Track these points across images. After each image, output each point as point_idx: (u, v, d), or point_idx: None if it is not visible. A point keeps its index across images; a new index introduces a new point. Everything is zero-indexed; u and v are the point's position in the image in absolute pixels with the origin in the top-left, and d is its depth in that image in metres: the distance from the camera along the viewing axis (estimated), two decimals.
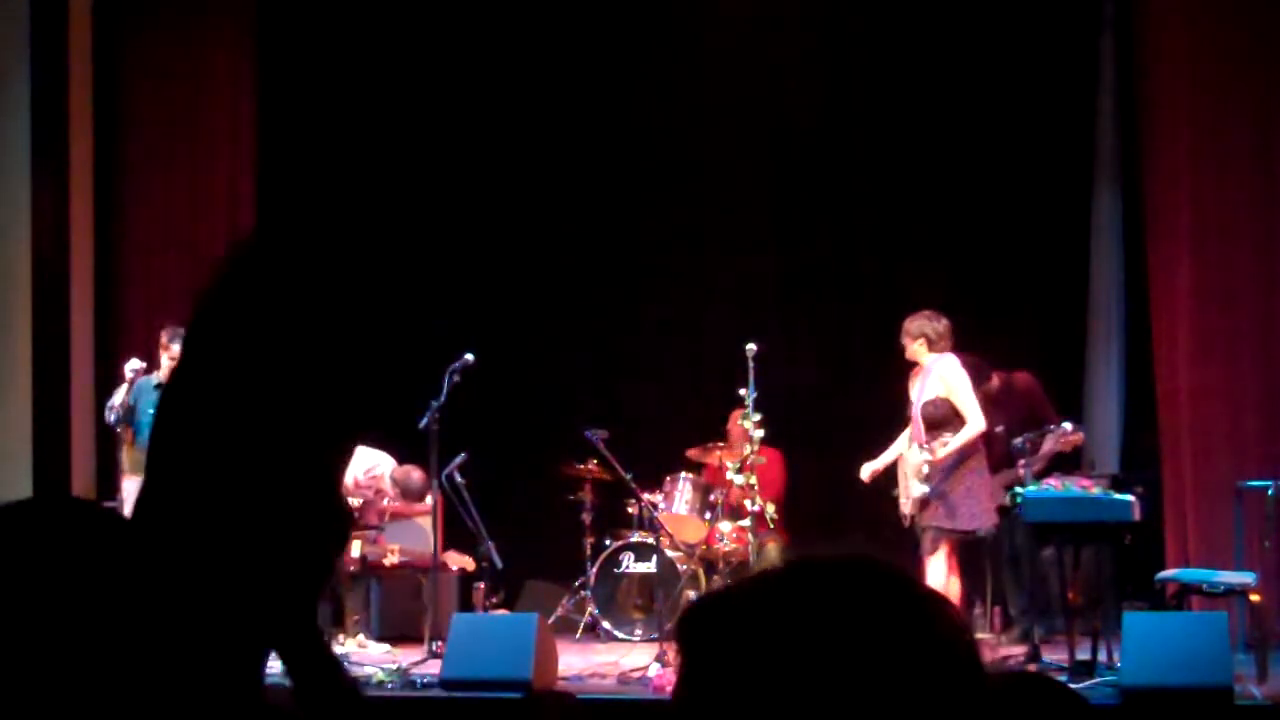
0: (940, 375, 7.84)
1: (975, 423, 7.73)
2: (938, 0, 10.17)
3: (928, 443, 7.77)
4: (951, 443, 7.72)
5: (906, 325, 7.94)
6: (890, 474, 8.09)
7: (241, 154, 10.09)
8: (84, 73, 9.65)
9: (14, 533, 1.24)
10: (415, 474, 9.05)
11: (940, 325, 7.89)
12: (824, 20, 10.39)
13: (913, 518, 7.83)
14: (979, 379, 8.21)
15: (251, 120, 10.13)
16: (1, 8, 9.27)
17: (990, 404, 8.20)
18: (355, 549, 8.93)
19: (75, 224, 9.52)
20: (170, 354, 8.53)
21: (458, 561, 9.09)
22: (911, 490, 7.85)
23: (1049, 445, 8.14)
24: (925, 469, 7.75)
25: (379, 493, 9.13)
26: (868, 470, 8.13)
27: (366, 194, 10.51)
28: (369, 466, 9.00)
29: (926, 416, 7.80)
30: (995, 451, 8.14)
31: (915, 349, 7.92)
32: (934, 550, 7.76)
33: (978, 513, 7.72)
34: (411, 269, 9.70)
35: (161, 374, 8.55)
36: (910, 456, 7.93)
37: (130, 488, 8.62)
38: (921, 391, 7.88)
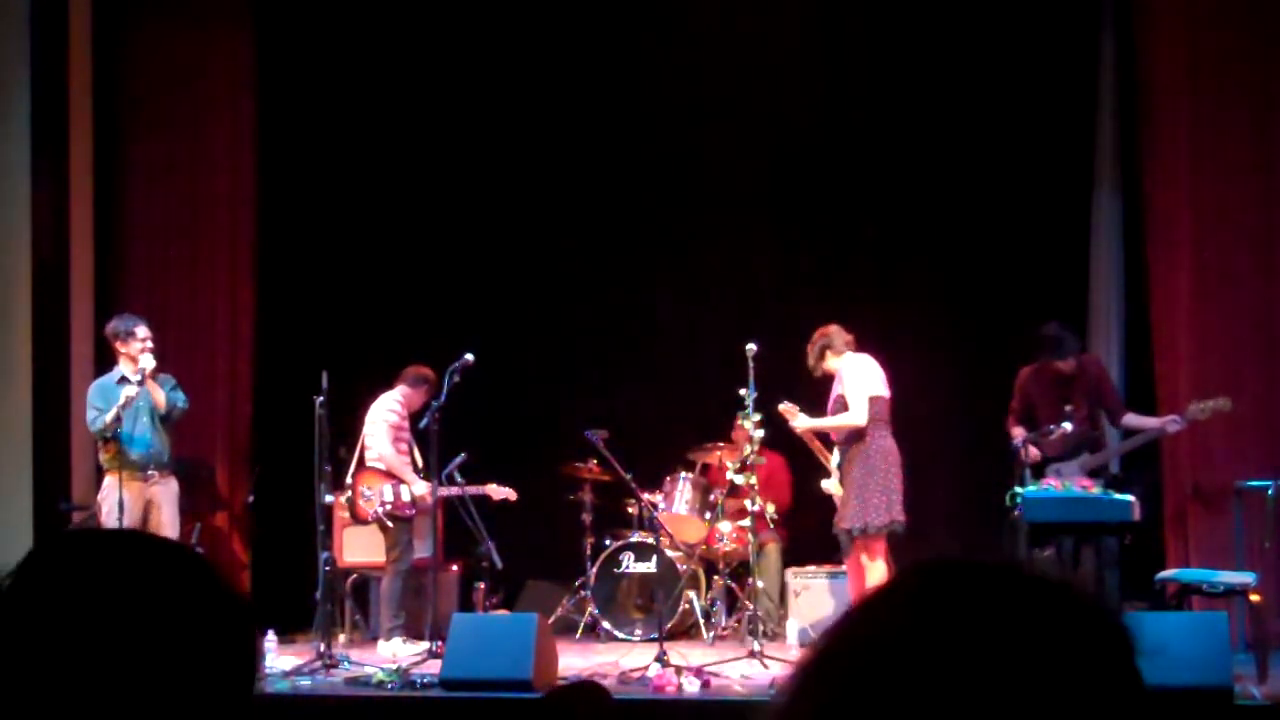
0: (841, 375, 8.07)
1: (854, 416, 7.93)
2: (938, 0, 10.17)
3: (836, 441, 8.13)
4: (817, 420, 8.06)
5: (809, 347, 8.18)
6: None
7: (241, 154, 10.09)
8: (84, 73, 9.65)
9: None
10: (418, 369, 8.94)
11: (842, 335, 8.14)
12: (824, 20, 10.39)
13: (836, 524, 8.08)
14: (1058, 354, 8.18)
15: (251, 119, 10.13)
16: (1, 7, 9.27)
17: (1064, 385, 8.19)
18: (420, 488, 8.69)
19: (75, 224, 9.52)
20: (129, 347, 8.41)
21: (499, 493, 8.98)
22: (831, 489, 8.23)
23: (1053, 442, 8.15)
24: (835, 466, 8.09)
25: (399, 424, 8.89)
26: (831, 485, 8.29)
27: (366, 192, 10.54)
28: (382, 419, 8.86)
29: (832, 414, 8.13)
30: (1076, 436, 8.11)
31: (824, 365, 8.15)
32: (851, 553, 7.93)
33: (879, 507, 7.85)
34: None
35: (123, 369, 8.48)
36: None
37: (108, 484, 8.54)
38: (830, 394, 8.15)
